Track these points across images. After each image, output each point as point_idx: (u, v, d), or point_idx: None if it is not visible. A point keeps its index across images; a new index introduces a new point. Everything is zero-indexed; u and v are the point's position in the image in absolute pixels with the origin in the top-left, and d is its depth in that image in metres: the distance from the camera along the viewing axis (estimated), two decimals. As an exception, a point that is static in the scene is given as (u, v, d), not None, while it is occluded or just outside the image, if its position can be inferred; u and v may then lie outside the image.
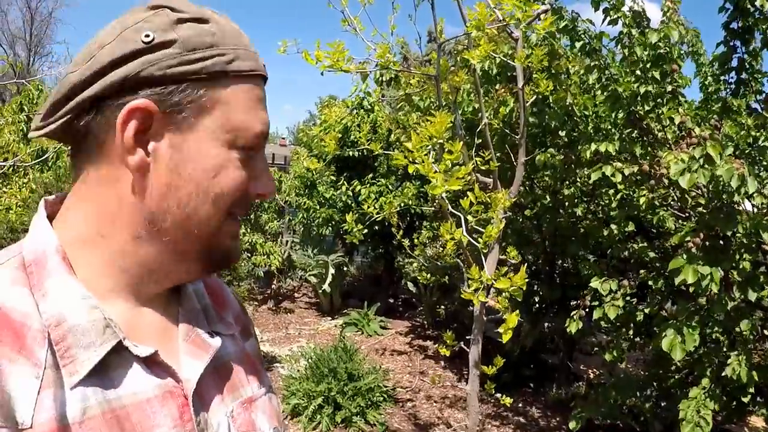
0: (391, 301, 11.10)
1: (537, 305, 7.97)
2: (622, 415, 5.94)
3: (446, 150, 2.78)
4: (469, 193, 3.05)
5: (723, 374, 3.84)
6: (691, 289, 3.74)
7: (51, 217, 0.89)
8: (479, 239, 3.12)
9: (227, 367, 0.99)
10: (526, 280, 3.13)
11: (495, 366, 3.72)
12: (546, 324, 7.88)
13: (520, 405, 6.97)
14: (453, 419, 6.44)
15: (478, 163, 3.65)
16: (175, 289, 0.97)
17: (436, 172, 2.75)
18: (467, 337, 4.19)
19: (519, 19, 2.98)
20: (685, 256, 3.35)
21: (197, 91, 0.82)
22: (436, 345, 8.83)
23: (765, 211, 3.63)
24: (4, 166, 4.79)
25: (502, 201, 3.27)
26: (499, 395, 4.38)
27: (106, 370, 0.80)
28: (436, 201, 4.06)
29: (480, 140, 3.78)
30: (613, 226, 5.03)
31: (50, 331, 0.78)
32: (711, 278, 3.25)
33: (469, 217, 3.16)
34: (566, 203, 5.87)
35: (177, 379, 0.87)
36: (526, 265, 7.87)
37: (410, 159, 2.83)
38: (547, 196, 6.05)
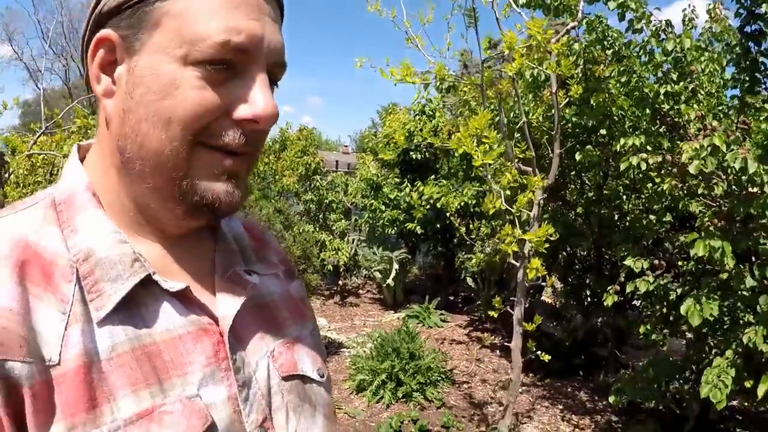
0: (451, 297, 11.61)
1: (589, 299, 8.44)
2: (664, 398, 6.34)
3: (483, 136, 3.56)
4: (506, 173, 3.82)
5: (745, 343, 4.29)
6: (722, 275, 4.22)
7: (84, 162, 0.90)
8: (514, 206, 3.84)
9: (269, 307, 0.99)
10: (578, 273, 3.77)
11: (534, 323, 4.30)
12: (599, 319, 8.34)
13: (569, 390, 7.44)
14: (505, 400, 6.96)
15: (516, 152, 4.37)
16: (212, 229, 0.98)
17: (476, 150, 3.51)
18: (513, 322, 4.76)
19: (539, 40, 3.71)
20: (703, 234, 3.87)
21: (147, 8, 0.78)
22: (494, 336, 9.40)
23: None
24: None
25: (536, 182, 3.96)
26: (538, 352, 4.89)
27: (137, 306, 0.80)
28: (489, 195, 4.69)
29: (519, 134, 4.49)
30: (652, 217, 5.53)
31: (78, 266, 0.78)
32: (723, 252, 3.75)
33: (508, 192, 3.90)
34: (610, 197, 6.40)
35: (212, 316, 0.86)
36: (576, 259, 8.39)
37: (461, 144, 3.59)
38: (592, 191, 6.57)
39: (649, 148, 4.70)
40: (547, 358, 4.80)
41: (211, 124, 0.79)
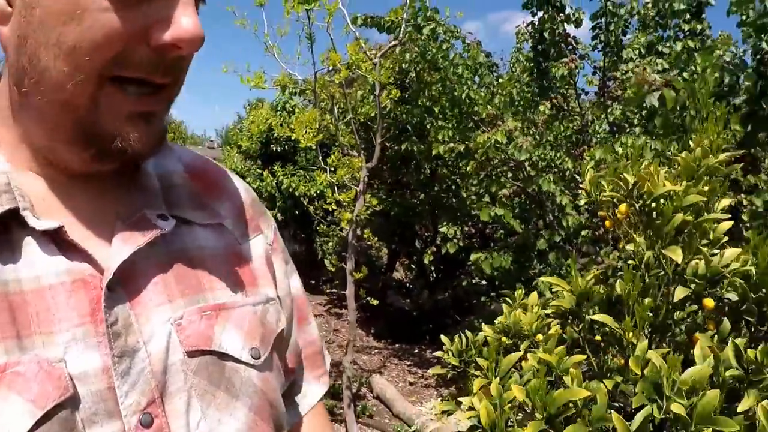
0: (313, 281, 12.48)
1: (433, 274, 9.63)
2: (497, 351, 7.51)
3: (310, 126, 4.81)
4: (332, 155, 5.02)
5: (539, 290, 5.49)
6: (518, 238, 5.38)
7: None
8: (335, 176, 5.38)
9: (192, 263, 0.81)
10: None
11: (362, 273, 5.37)
12: (446, 293, 9.54)
13: (416, 351, 8.55)
14: (360, 361, 7.96)
15: (342, 140, 5.56)
16: (135, 166, 0.82)
17: (303, 135, 4.77)
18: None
19: (354, 59, 4.87)
20: (497, 205, 5.05)
21: None
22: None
23: (562, 174, 5.32)
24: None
25: (357, 163, 5.24)
26: (369, 298, 5.90)
27: (9, 249, 0.68)
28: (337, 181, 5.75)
29: (348, 128, 5.68)
30: (473, 197, 6.72)
31: None
32: (504, 217, 4.96)
33: (333, 169, 5.20)
34: (441, 182, 7.62)
35: (95, 265, 0.70)
36: (419, 238, 9.50)
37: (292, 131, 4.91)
38: (424, 177, 7.77)
39: (448, 139, 5.93)
40: (375, 302, 5.79)
41: (123, 53, 0.66)
